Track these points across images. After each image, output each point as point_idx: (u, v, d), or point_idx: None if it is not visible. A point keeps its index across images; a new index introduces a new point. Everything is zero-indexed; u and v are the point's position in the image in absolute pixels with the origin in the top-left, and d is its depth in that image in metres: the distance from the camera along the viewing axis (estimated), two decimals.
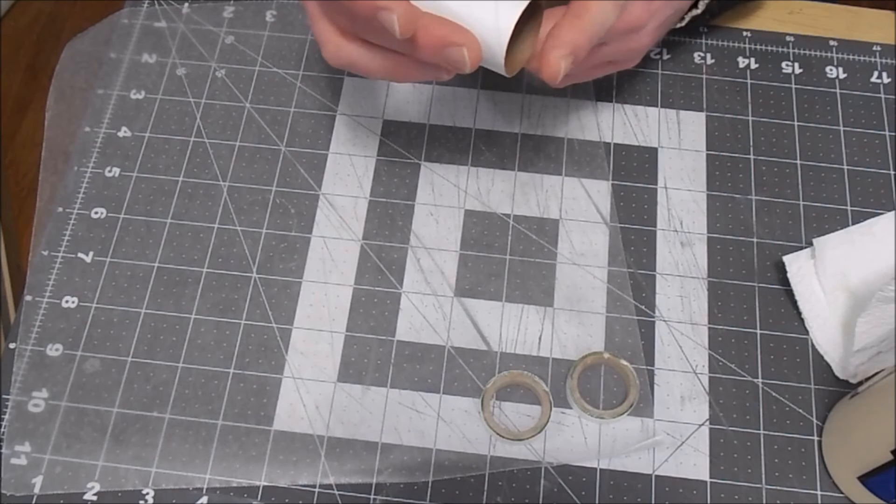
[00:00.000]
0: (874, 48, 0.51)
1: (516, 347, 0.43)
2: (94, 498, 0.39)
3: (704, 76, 0.50)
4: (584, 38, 0.35)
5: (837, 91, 0.49)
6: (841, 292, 0.43)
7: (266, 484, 0.40)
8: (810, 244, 0.44)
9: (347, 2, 0.34)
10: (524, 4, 0.34)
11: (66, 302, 0.44)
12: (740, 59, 0.50)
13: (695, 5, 0.45)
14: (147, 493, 0.39)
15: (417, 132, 0.48)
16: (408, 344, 0.43)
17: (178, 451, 0.40)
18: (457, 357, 0.42)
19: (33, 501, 0.39)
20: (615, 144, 0.48)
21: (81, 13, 1.41)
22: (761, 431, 0.41)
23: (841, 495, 0.39)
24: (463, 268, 0.44)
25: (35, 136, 1.31)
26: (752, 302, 0.44)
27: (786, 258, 0.44)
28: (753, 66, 0.50)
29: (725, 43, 0.51)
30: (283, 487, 0.40)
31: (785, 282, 0.44)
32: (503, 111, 0.49)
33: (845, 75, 0.50)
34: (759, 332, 0.43)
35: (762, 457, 0.40)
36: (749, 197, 0.46)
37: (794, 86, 0.49)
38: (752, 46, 0.51)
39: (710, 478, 0.40)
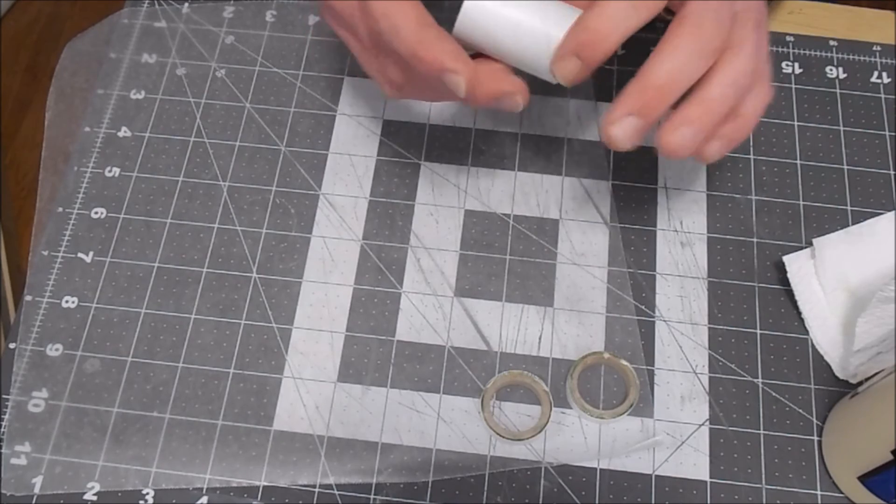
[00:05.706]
0: (874, 48, 0.51)
1: (516, 347, 0.43)
2: (94, 498, 0.39)
3: None
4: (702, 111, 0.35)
5: (837, 91, 0.49)
6: (841, 292, 0.43)
7: (266, 484, 0.40)
8: (810, 244, 0.44)
9: (407, 59, 0.34)
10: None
11: (66, 302, 0.44)
12: None
13: None
14: (147, 493, 0.39)
15: (417, 132, 0.48)
16: (408, 344, 0.43)
17: (178, 451, 0.40)
18: (457, 357, 0.42)
19: (33, 501, 0.39)
20: None
21: (81, 13, 1.41)
22: (761, 431, 0.41)
23: (841, 495, 0.39)
24: (463, 268, 0.44)
25: (35, 136, 1.30)
26: (752, 302, 0.44)
27: (786, 258, 0.44)
28: None
29: None
30: (283, 487, 0.40)
31: (785, 282, 0.44)
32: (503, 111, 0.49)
33: (845, 75, 0.50)
34: (759, 332, 0.43)
35: (762, 457, 0.40)
36: (749, 197, 0.46)
37: (794, 86, 0.49)
38: None
39: (710, 478, 0.40)
